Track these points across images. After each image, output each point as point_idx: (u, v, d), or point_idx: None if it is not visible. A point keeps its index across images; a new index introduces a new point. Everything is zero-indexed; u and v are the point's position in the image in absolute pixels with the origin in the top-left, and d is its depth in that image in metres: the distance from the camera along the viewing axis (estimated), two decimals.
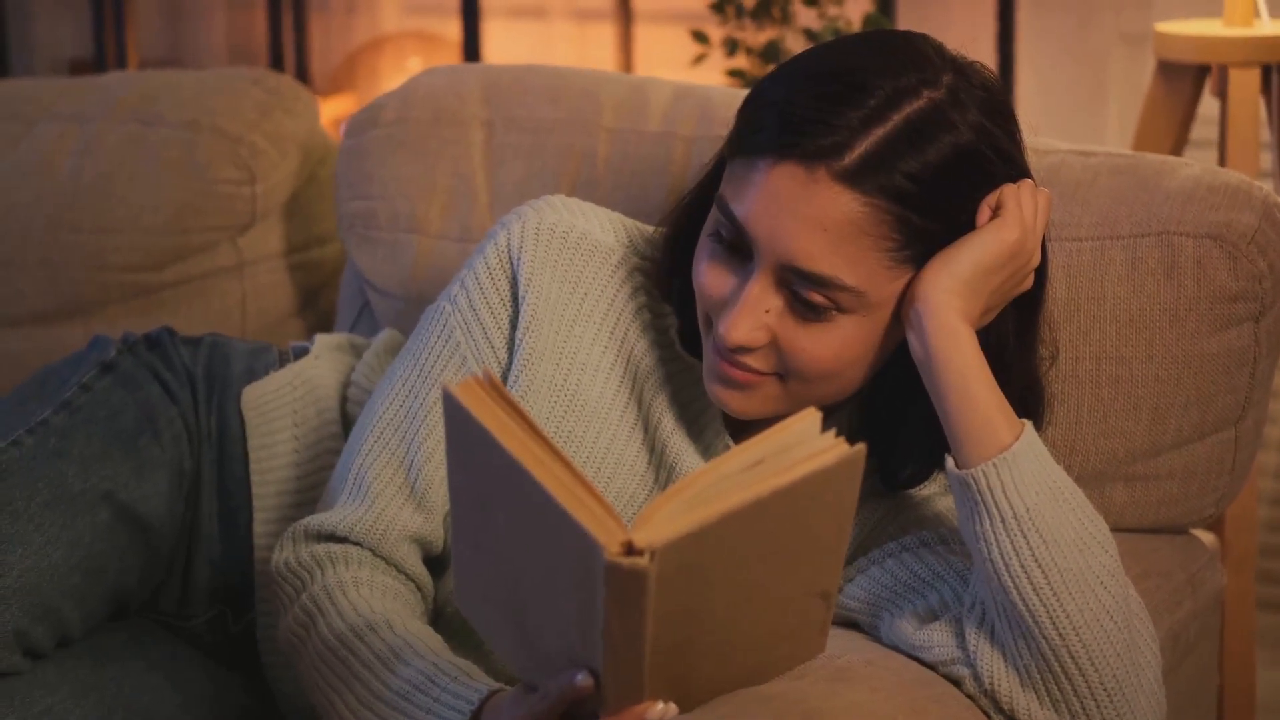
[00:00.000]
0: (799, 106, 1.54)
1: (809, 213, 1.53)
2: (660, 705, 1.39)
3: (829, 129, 1.52)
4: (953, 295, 1.55)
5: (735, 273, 1.58)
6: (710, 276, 1.60)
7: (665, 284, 1.70)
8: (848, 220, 1.53)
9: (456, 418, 1.37)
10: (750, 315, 1.56)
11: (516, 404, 1.36)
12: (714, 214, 1.60)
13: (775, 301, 1.57)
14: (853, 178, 1.52)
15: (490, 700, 1.52)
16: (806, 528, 1.35)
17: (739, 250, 1.58)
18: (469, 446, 1.38)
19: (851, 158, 1.52)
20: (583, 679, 1.39)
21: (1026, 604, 1.52)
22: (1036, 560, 1.51)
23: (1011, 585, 1.52)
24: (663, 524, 1.29)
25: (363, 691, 1.57)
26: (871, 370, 1.62)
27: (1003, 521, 1.52)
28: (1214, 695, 2.03)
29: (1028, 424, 1.56)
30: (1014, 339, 1.62)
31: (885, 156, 1.52)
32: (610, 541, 1.29)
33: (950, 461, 1.55)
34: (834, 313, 1.56)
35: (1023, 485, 1.52)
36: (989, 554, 1.53)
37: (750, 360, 1.58)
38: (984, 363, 1.56)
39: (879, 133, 1.52)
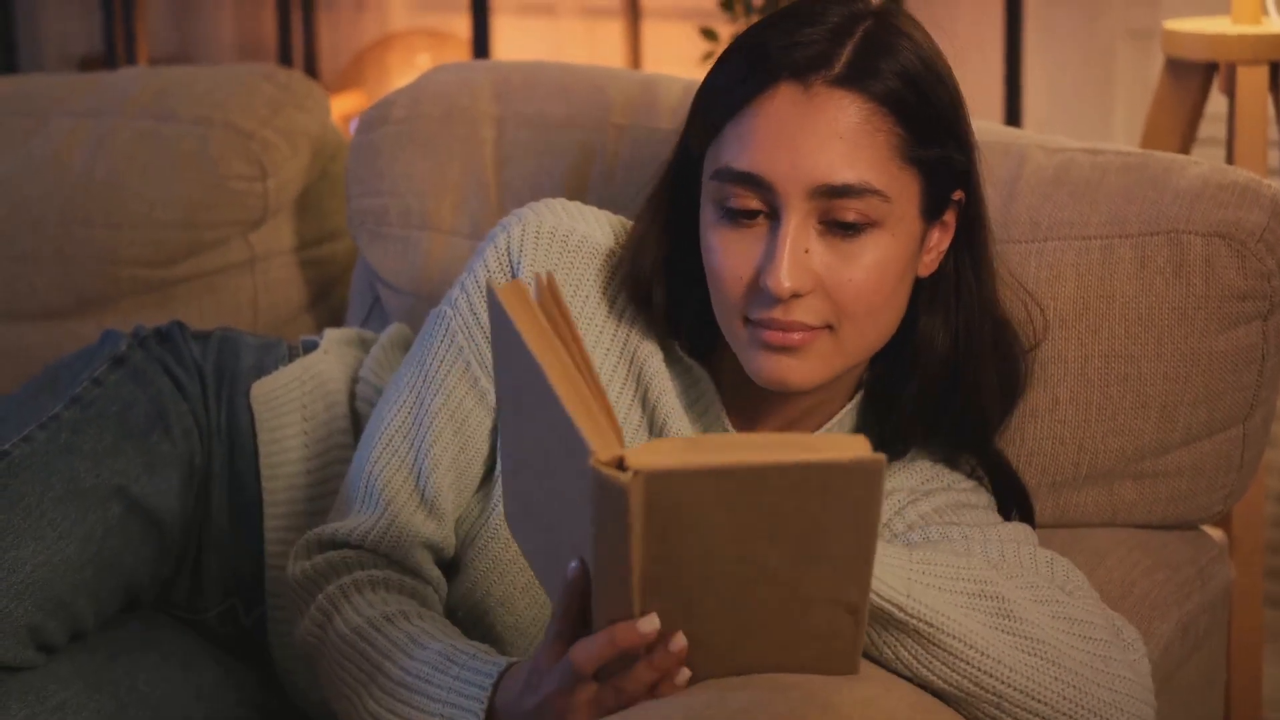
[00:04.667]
0: (767, 41, 1.59)
1: (820, 125, 1.56)
2: (654, 618, 1.38)
3: (806, 45, 1.57)
4: None
5: (757, 240, 1.59)
6: (732, 258, 1.60)
7: (646, 298, 1.69)
8: (858, 122, 1.57)
9: (497, 316, 1.40)
10: (794, 258, 1.56)
11: (566, 311, 1.38)
12: (713, 196, 1.60)
13: (811, 238, 1.58)
14: (848, 81, 1.57)
15: (508, 671, 1.53)
16: (823, 524, 1.35)
17: (753, 217, 1.59)
18: (506, 345, 1.41)
19: (840, 64, 1.57)
20: (574, 567, 1.40)
21: (954, 687, 1.54)
22: (939, 646, 1.52)
23: (932, 678, 1.53)
24: (663, 455, 1.30)
25: (384, 680, 1.57)
26: (899, 313, 1.63)
27: (885, 623, 1.52)
28: (1221, 690, 2.03)
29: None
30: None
31: (867, 60, 1.57)
32: (602, 450, 1.30)
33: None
34: (868, 230, 1.57)
35: (887, 578, 1.51)
36: (893, 660, 1.54)
37: (802, 314, 1.58)
38: None
39: (851, 43, 1.58)
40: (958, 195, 1.65)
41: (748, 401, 1.70)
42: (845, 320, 1.59)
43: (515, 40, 3.91)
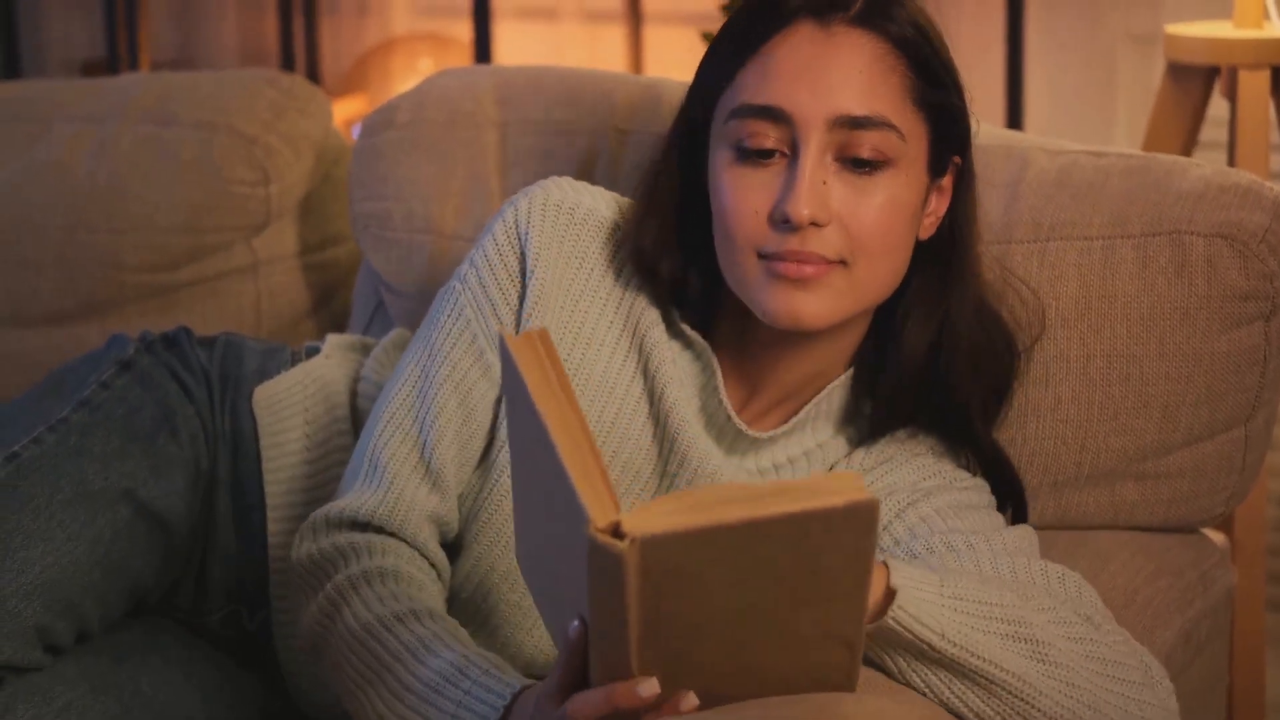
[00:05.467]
0: None
1: (841, 59, 1.60)
2: (654, 682, 1.38)
3: None
4: None
5: (774, 177, 1.61)
6: (747, 194, 1.62)
7: (652, 270, 1.70)
8: (875, 58, 1.61)
9: (508, 365, 1.42)
10: (814, 187, 1.59)
11: (562, 369, 1.39)
12: (729, 139, 1.63)
13: (829, 172, 1.61)
14: (866, 21, 1.62)
15: (521, 696, 1.53)
16: (818, 566, 1.35)
17: (769, 156, 1.61)
18: (515, 395, 1.42)
19: (858, 5, 1.62)
20: (575, 627, 1.41)
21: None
22: (974, 681, 1.53)
23: (966, 710, 1.54)
24: (658, 518, 1.30)
25: (392, 682, 1.57)
26: (905, 263, 1.66)
27: (923, 655, 1.53)
28: (1224, 695, 2.03)
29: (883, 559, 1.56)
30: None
31: (882, 4, 1.62)
32: (600, 517, 1.30)
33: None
34: (883, 167, 1.61)
35: (924, 611, 1.52)
36: (926, 687, 1.54)
37: (817, 245, 1.60)
38: None
39: None
40: (957, 160, 1.68)
41: (746, 372, 1.71)
42: (860, 256, 1.61)
43: (517, 45, 3.91)
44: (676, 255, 1.70)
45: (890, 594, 1.50)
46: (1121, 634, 1.62)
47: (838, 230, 1.60)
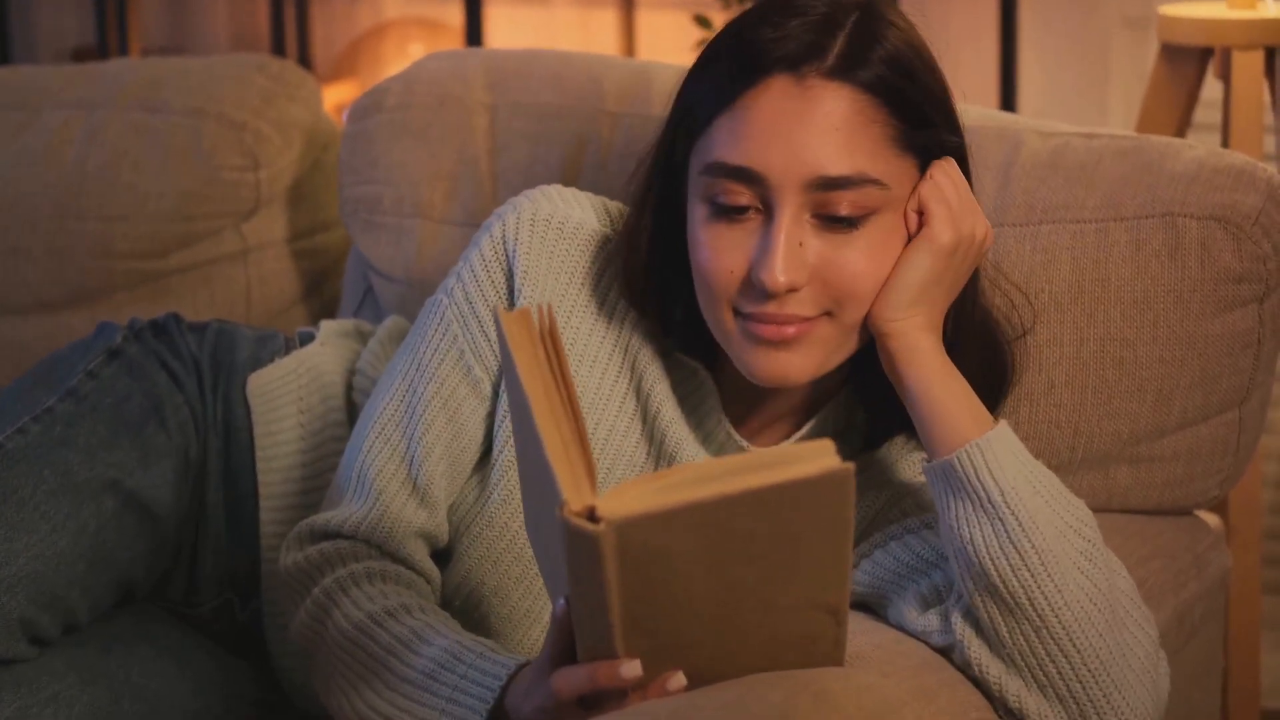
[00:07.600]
0: (756, 35, 1.57)
1: (816, 117, 1.55)
2: (636, 664, 1.38)
3: (796, 37, 1.56)
4: (908, 311, 1.57)
5: (749, 234, 1.57)
6: (722, 253, 1.57)
7: (640, 301, 1.67)
8: (853, 112, 1.55)
9: (501, 342, 1.41)
10: (789, 251, 1.54)
11: (559, 346, 1.38)
12: (702, 192, 1.58)
13: (805, 232, 1.56)
14: (841, 72, 1.55)
15: (518, 674, 1.52)
16: (797, 537, 1.34)
17: (743, 212, 1.57)
18: (509, 371, 1.42)
19: (833, 55, 1.56)
20: (561, 605, 1.41)
21: (1006, 586, 1.52)
22: (1013, 542, 1.51)
23: (992, 568, 1.52)
24: (633, 500, 1.30)
25: (388, 676, 1.57)
26: None
27: (980, 504, 1.52)
28: (1219, 678, 2.03)
29: (1002, 421, 1.56)
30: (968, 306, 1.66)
31: (858, 50, 1.56)
32: (574, 500, 1.30)
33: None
34: (864, 220, 1.56)
35: (998, 468, 1.52)
36: (969, 538, 1.52)
37: (799, 307, 1.56)
38: (949, 369, 1.58)
39: (843, 34, 1.56)
40: None
41: (742, 390, 1.68)
42: (846, 304, 1.57)
43: (508, 30, 3.90)
44: (659, 297, 1.66)
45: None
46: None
47: (818, 287, 1.56)
